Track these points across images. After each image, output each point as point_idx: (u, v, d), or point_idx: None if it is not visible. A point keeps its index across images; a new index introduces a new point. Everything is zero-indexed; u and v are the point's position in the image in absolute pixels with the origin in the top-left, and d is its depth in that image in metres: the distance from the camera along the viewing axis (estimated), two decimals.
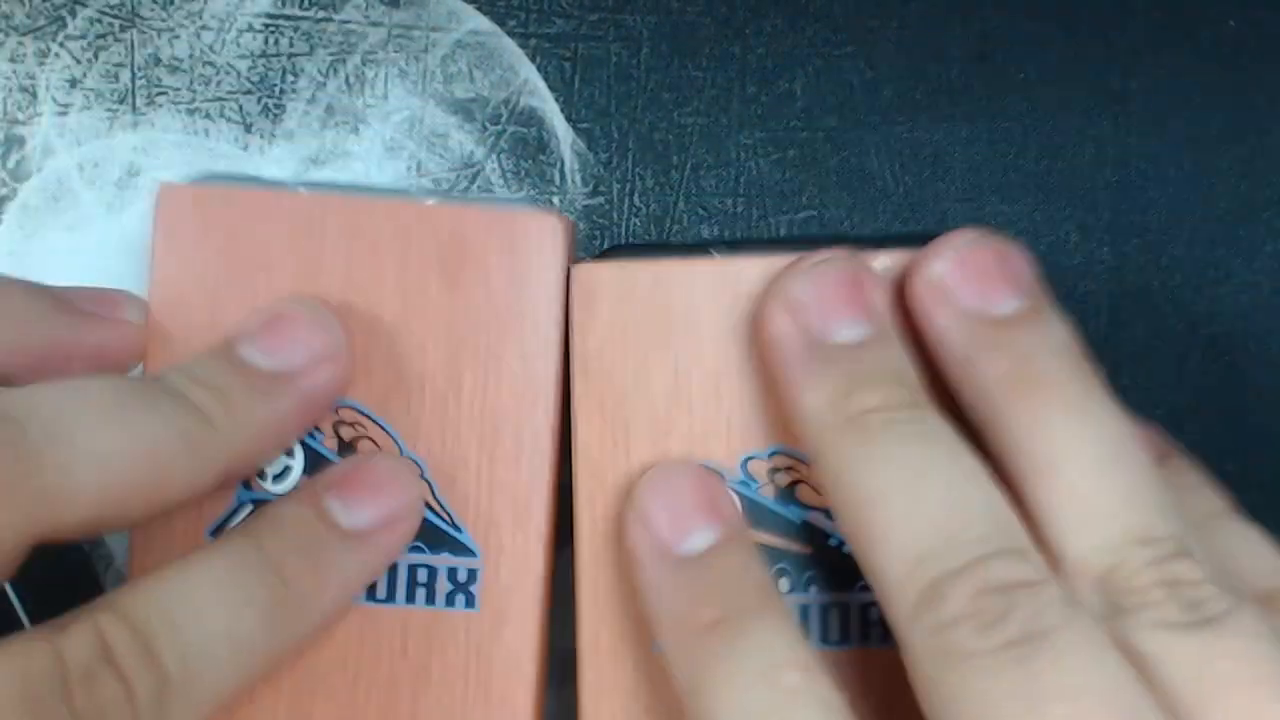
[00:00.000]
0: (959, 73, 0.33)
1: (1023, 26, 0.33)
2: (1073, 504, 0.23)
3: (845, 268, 0.26)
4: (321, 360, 0.26)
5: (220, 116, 0.33)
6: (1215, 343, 0.33)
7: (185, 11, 0.33)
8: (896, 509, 0.23)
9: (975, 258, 0.25)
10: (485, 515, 0.27)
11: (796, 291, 0.25)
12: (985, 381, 0.25)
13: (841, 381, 0.25)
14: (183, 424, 0.24)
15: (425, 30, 0.33)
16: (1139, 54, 0.33)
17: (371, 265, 0.27)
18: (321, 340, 0.26)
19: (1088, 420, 0.24)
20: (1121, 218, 0.33)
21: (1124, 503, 0.23)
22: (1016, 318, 0.25)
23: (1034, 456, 0.24)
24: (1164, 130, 0.33)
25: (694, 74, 0.33)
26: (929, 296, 0.26)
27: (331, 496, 0.26)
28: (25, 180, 0.33)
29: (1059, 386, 0.24)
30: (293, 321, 0.26)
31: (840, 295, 0.25)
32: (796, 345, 0.25)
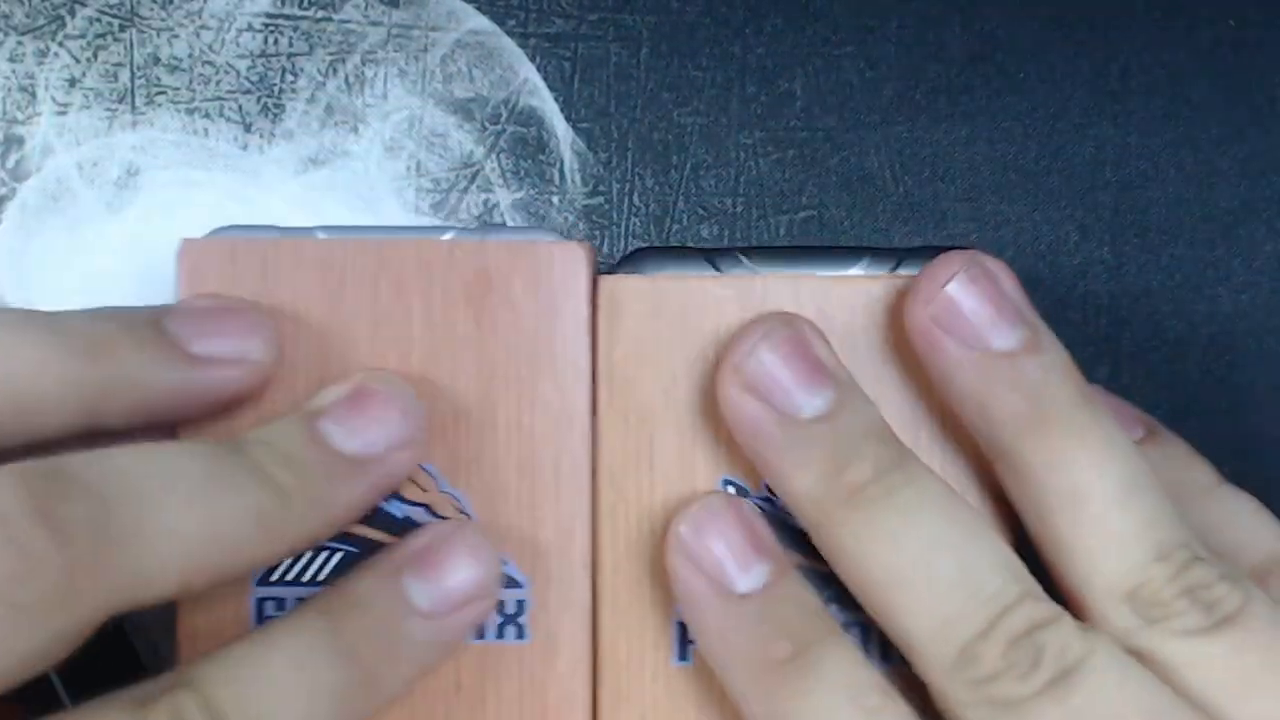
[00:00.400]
0: (959, 73, 0.33)
1: (1023, 26, 0.33)
2: (1098, 534, 0.25)
3: (793, 335, 0.26)
4: (402, 446, 0.26)
5: (220, 116, 0.33)
6: (1215, 343, 0.33)
7: (185, 11, 0.33)
8: (914, 584, 0.24)
9: (971, 292, 0.26)
10: (529, 545, 0.27)
11: (753, 371, 0.25)
12: (998, 419, 0.25)
13: (828, 458, 0.25)
14: (262, 506, 0.23)
15: (425, 30, 0.33)
16: (1139, 54, 0.33)
17: (398, 305, 0.27)
18: (403, 425, 0.26)
19: (1103, 451, 0.25)
20: (1121, 218, 0.33)
21: (1143, 525, 0.25)
22: (1020, 349, 0.25)
23: (1057, 493, 0.25)
24: (1164, 130, 0.33)
25: (694, 74, 0.33)
26: (928, 335, 0.26)
27: (410, 576, 0.25)
28: (25, 180, 0.33)
29: (1070, 420, 0.25)
30: (376, 400, 0.26)
31: (798, 366, 0.25)
32: (771, 428, 0.25)
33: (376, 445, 0.25)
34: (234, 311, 0.26)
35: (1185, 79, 0.33)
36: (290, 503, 0.24)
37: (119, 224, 0.33)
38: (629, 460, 0.27)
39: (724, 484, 0.27)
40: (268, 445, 0.24)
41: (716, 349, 0.27)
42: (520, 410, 0.27)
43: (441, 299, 0.27)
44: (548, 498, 0.27)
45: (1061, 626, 0.24)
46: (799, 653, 0.24)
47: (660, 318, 0.27)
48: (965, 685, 0.24)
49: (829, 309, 0.27)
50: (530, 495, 0.27)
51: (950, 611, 0.24)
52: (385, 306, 0.27)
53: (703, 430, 0.27)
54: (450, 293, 0.27)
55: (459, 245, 0.27)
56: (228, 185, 0.33)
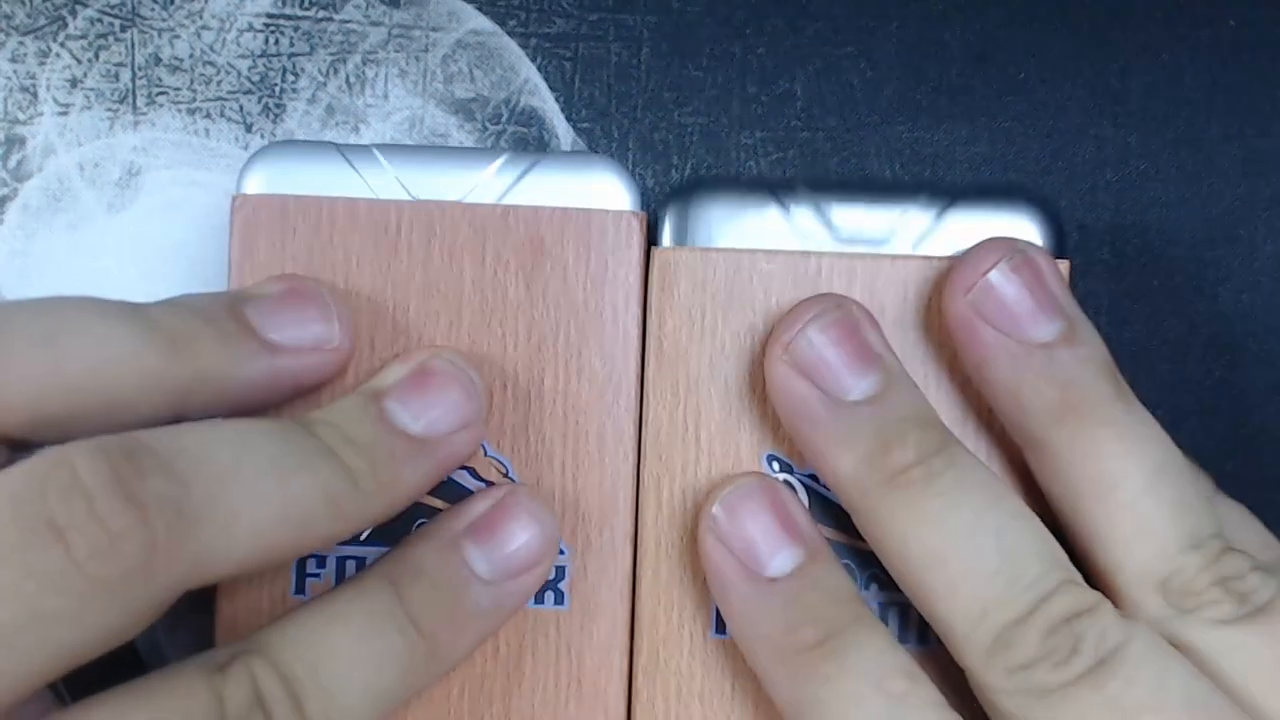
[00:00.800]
0: (959, 73, 0.33)
1: (1023, 26, 0.33)
2: (1131, 521, 0.25)
3: (844, 317, 0.26)
4: (466, 426, 0.26)
5: (221, 116, 0.33)
6: (1215, 343, 0.33)
7: (185, 11, 0.33)
8: (953, 567, 0.24)
9: (1011, 281, 0.26)
10: (571, 512, 0.27)
11: (804, 351, 0.26)
12: (1032, 409, 0.25)
13: (872, 441, 0.25)
14: (332, 487, 0.24)
15: (425, 30, 0.33)
16: (1139, 54, 0.33)
17: (450, 268, 0.27)
18: (466, 406, 0.26)
19: (1136, 441, 0.25)
20: (1121, 218, 0.33)
21: (1175, 512, 0.25)
22: (1057, 340, 0.25)
23: (1090, 481, 0.25)
24: (1164, 130, 0.33)
25: (694, 74, 0.33)
26: (966, 322, 0.26)
27: (471, 543, 0.26)
28: (26, 180, 0.33)
29: (1105, 412, 0.25)
30: (439, 380, 0.26)
31: (847, 348, 0.26)
32: (817, 409, 0.25)
33: (440, 426, 0.26)
34: (310, 296, 0.26)
35: (1185, 79, 0.33)
36: (358, 483, 0.24)
37: (120, 224, 0.33)
38: (674, 433, 0.27)
39: (768, 459, 0.27)
40: (335, 426, 0.25)
41: (766, 324, 0.27)
42: (567, 378, 0.27)
43: (493, 264, 0.27)
44: (591, 467, 0.27)
45: (1101, 614, 0.24)
46: (826, 638, 0.25)
47: (710, 290, 0.27)
48: (1002, 671, 0.24)
49: (880, 288, 0.27)
50: (574, 463, 0.27)
51: (989, 596, 0.24)
52: (437, 270, 0.27)
53: (749, 405, 0.27)
54: (502, 258, 0.27)
55: (513, 211, 0.27)
56: (229, 185, 0.33)
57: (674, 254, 0.27)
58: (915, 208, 0.28)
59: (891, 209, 0.28)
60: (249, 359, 0.25)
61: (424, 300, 0.27)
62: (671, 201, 0.28)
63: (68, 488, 0.21)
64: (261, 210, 0.27)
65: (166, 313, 0.25)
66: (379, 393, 0.26)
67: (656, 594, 0.27)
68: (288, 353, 0.26)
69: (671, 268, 0.27)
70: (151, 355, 0.24)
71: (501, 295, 0.27)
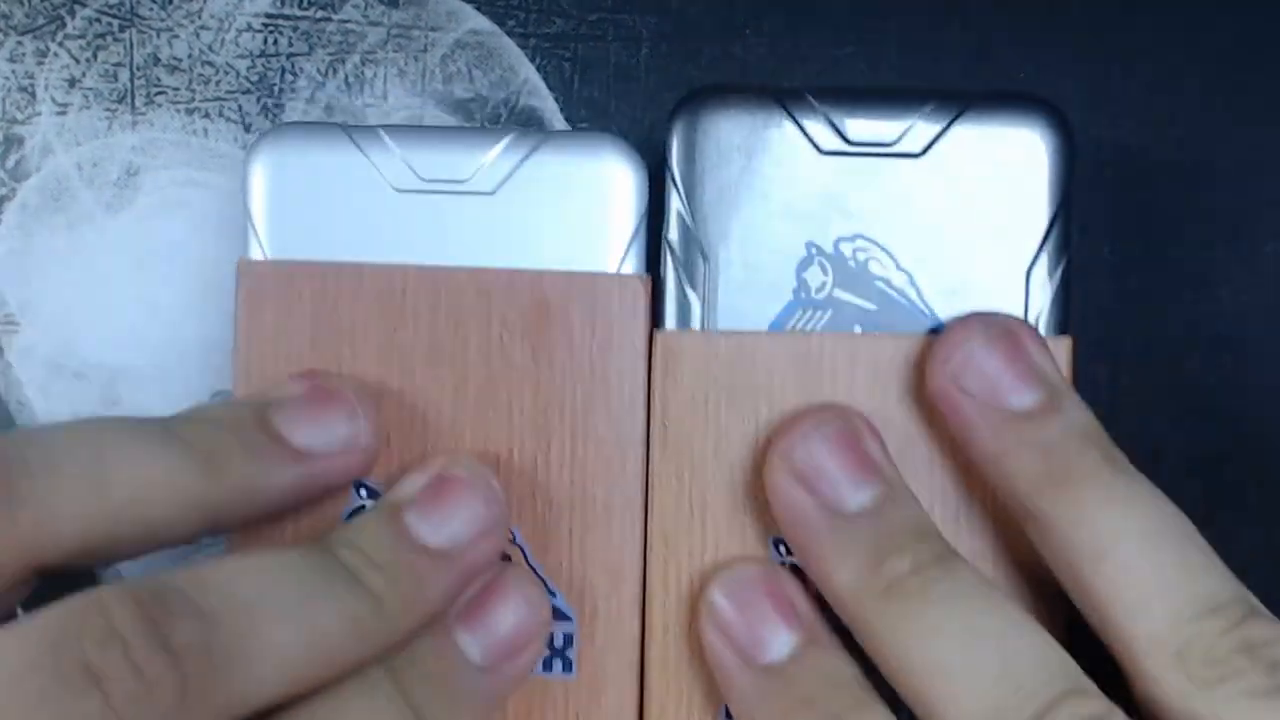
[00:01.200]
0: (959, 72, 0.33)
1: (1023, 26, 0.33)
2: (1131, 586, 0.24)
3: (844, 428, 0.26)
4: (487, 534, 0.26)
5: (219, 116, 0.33)
6: (1215, 343, 0.33)
7: (184, 11, 0.33)
8: (956, 678, 0.24)
9: (989, 352, 0.26)
10: (579, 579, 0.27)
11: (802, 460, 0.26)
12: (1018, 480, 0.25)
13: (869, 552, 0.25)
14: (356, 613, 0.24)
15: (424, 30, 0.33)
16: (1139, 54, 0.33)
17: (455, 334, 0.27)
18: (486, 513, 0.26)
19: (1127, 504, 0.24)
20: (1122, 217, 0.33)
21: (1181, 575, 0.24)
22: (1038, 410, 0.25)
23: (1082, 547, 0.24)
24: (1164, 130, 0.33)
25: (694, 74, 0.33)
26: (947, 395, 0.26)
27: (461, 629, 0.26)
28: (24, 180, 0.33)
29: (1092, 477, 0.25)
30: (458, 488, 0.26)
31: (847, 460, 0.26)
32: (815, 519, 0.25)
33: (461, 536, 0.25)
34: (335, 396, 0.26)
35: (1185, 79, 0.33)
36: (383, 606, 0.24)
37: (118, 224, 0.33)
38: (680, 517, 0.27)
39: (775, 544, 0.27)
40: (356, 547, 0.25)
41: (770, 407, 0.27)
42: (574, 444, 0.27)
43: (499, 329, 0.27)
44: (599, 532, 0.27)
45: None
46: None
47: (713, 373, 0.27)
48: None
49: (883, 367, 0.27)
50: (581, 529, 0.27)
51: (990, 706, 0.23)
52: (443, 334, 0.27)
53: (754, 489, 0.27)
54: (508, 323, 0.27)
55: (518, 275, 0.27)
56: (228, 185, 0.33)
57: (676, 338, 0.27)
58: (924, 118, 0.28)
59: (902, 117, 0.28)
60: (279, 470, 0.25)
61: (430, 366, 0.27)
62: (678, 116, 0.28)
63: (103, 634, 0.21)
64: (267, 277, 0.28)
65: (197, 429, 0.25)
66: (399, 506, 0.26)
67: (665, 681, 0.27)
68: (317, 458, 0.26)
69: (674, 351, 0.27)
70: (188, 477, 0.24)
71: (507, 360, 0.27)
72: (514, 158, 0.28)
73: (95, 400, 0.33)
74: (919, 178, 0.28)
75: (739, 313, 0.28)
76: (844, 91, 0.28)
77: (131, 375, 0.33)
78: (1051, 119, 0.28)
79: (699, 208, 0.28)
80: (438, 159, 0.28)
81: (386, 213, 0.28)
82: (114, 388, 0.33)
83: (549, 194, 0.28)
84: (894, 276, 0.28)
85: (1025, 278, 0.28)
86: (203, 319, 0.33)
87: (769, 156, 0.28)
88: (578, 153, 0.28)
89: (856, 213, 0.28)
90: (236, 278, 0.28)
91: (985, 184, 0.28)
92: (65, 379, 0.33)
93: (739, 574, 0.26)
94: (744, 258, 0.28)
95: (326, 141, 0.28)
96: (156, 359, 0.33)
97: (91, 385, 0.33)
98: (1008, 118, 0.28)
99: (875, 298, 0.28)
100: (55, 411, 0.33)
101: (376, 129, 0.28)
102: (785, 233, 0.28)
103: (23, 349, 0.33)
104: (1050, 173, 0.28)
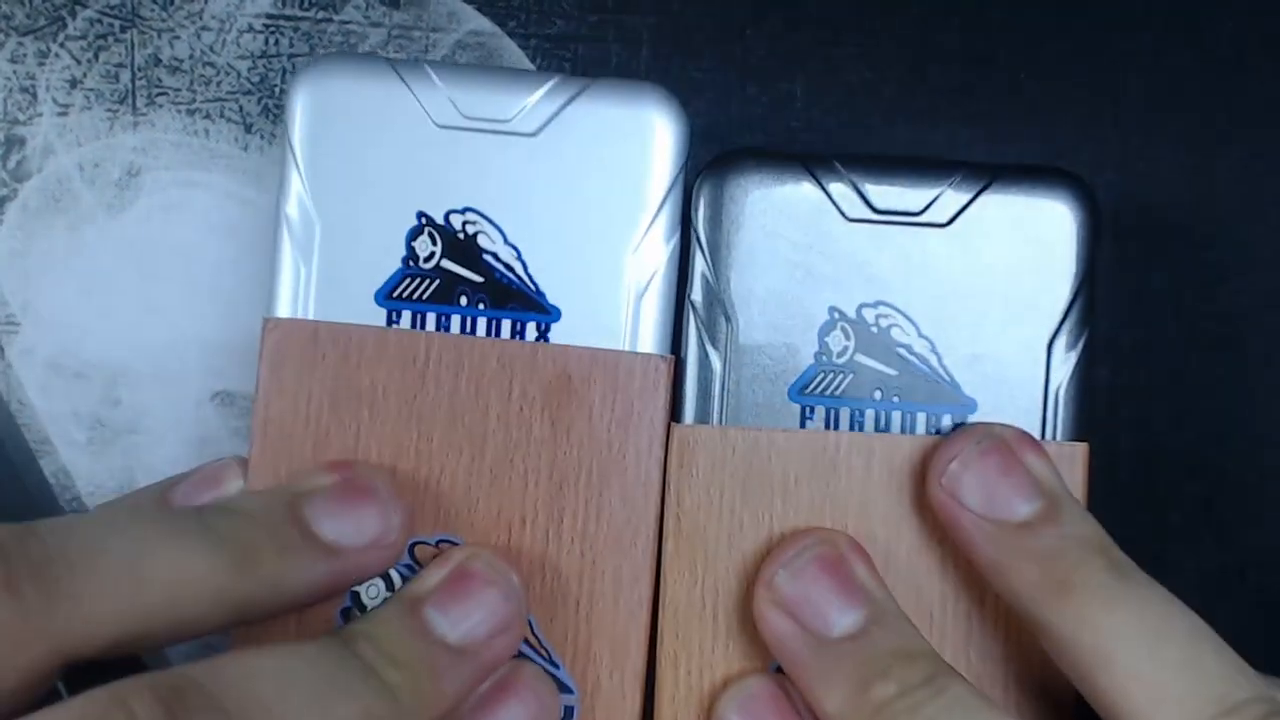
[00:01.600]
0: (959, 73, 0.33)
1: (1023, 26, 0.33)
2: (1141, 689, 0.23)
3: (827, 553, 0.26)
4: (506, 630, 0.26)
5: (220, 117, 0.33)
6: (1215, 343, 0.33)
7: (185, 12, 0.33)
8: None
9: (985, 463, 0.26)
10: (583, 652, 0.27)
11: (786, 590, 0.26)
12: (1019, 588, 0.25)
13: (855, 678, 0.25)
14: (372, 706, 0.24)
15: (425, 31, 0.33)
16: (1139, 54, 0.33)
17: (476, 402, 0.27)
18: (504, 609, 0.26)
19: (1130, 607, 0.24)
20: (1122, 217, 0.33)
21: (1193, 676, 0.23)
22: (1036, 520, 0.25)
23: (1089, 655, 0.24)
24: (1164, 130, 0.33)
25: (694, 74, 0.33)
26: (945, 507, 0.26)
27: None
28: (26, 180, 0.33)
29: (1092, 583, 0.24)
30: (477, 583, 0.26)
31: (831, 586, 0.26)
32: (801, 646, 0.26)
33: (479, 632, 0.26)
34: (367, 490, 0.26)
35: (1185, 79, 0.33)
36: (399, 700, 0.24)
37: (119, 224, 0.33)
38: (692, 611, 0.27)
39: None
40: (374, 641, 0.25)
41: (784, 503, 0.27)
42: (586, 518, 0.27)
43: (519, 399, 0.27)
44: (605, 607, 0.27)
45: None
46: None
47: (729, 469, 0.27)
48: None
49: (898, 465, 0.27)
50: (589, 603, 0.27)
51: None
52: (463, 403, 0.27)
53: None
54: (528, 394, 0.27)
55: (541, 348, 0.27)
56: (228, 186, 0.33)
57: (692, 432, 0.28)
58: (952, 187, 0.28)
59: (929, 187, 0.28)
60: (310, 566, 0.25)
61: (448, 432, 0.27)
62: (705, 178, 0.28)
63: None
64: (291, 335, 0.27)
65: (230, 524, 0.25)
66: (418, 600, 0.26)
67: None
68: (348, 553, 0.26)
69: (690, 445, 0.27)
70: (220, 574, 0.24)
71: (526, 431, 0.27)
72: (557, 101, 0.28)
73: (95, 400, 0.33)
74: (944, 247, 0.28)
75: (760, 374, 0.28)
76: (871, 159, 0.28)
77: (131, 375, 0.33)
78: (1078, 192, 0.28)
79: (723, 269, 0.28)
80: (482, 98, 0.28)
81: (427, 148, 0.28)
82: (114, 388, 0.33)
83: (590, 139, 0.28)
84: (915, 343, 0.28)
85: (1047, 349, 0.28)
86: (203, 319, 0.33)
87: (794, 222, 0.28)
88: (621, 100, 0.28)
89: (880, 279, 0.28)
90: (261, 333, 0.28)
91: (1010, 255, 0.28)
92: (65, 379, 0.33)
93: (747, 687, 0.27)
94: (767, 320, 0.28)
95: (371, 73, 0.28)
96: (156, 359, 0.33)
97: (91, 385, 0.33)
98: (1035, 190, 0.28)
99: (896, 364, 0.28)
100: (55, 411, 0.33)
101: (423, 63, 0.28)
102: (808, 297, 0.28)
103: (23, 349, 0.33)
104: (1075, 246, 0.28)
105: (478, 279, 0.28)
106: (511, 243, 0.28)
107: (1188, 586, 0.25)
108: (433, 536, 0.27)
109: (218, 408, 0.33)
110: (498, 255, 0.28)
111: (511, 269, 0.28)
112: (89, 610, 0.23)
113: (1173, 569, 0.26)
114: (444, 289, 0.28)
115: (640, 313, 0.28)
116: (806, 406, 0.28)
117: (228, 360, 0.33)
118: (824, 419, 0.28)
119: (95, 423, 0.33)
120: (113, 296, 0.33)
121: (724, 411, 0.28)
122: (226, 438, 0.33)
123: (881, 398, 0.28)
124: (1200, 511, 0.27)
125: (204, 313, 0.33)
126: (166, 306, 0.33)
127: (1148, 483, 0.33)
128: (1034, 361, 0.28)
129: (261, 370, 0.27)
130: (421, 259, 0.28)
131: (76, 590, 0.23)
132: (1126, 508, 0.32)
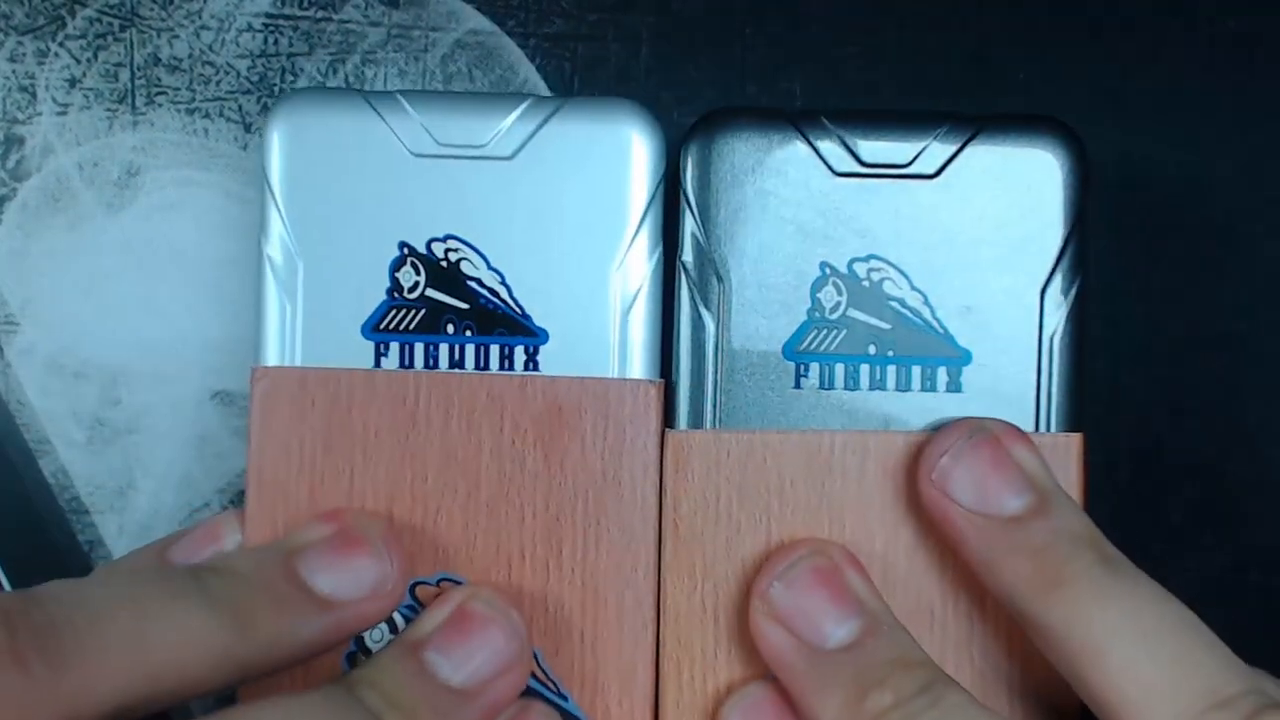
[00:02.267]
0: (959, 73, 0.33)
1: (1023, 26, 0.33)
2: (1133, 684, 0.23)
3: (821, 564, 0.26)
4: (508, 670, 0.26)
5: (220, 116, 0.33)
6: (1215, 343, 0.33)
7: (185, 11, 0.33)
8: None
9: (974, 458, 0.26)
10: (590, 682, 0.27)
11: (781, 602, 0.26)
12: (1011, 583, 0.25)
13: (851, 688, 0.25)
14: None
15: (424, 30, 0.33)
16: (1139, 54, 0.33)
17: (468, 439, 0.27)
18: (507, 649, 0.26)
19: (1122, 601, 0.24)
20: (1122, 218, 0.33)
21: (1185, 670, 0.23)
22: (1026, 513, 0.25)
23: (1080, 646, 0.24)
24: (1164, 130, 0.33)
25: (694, 74, 0.33)
26: (936, 503, 0.26)
27: None
28: (25, 180, 0.33)
29: (1083, 578, 0.24)
30: (479, 624, 0.26)
31: (826, 597, 0.26)
32: (796, 658, 0.25)
33: (482, 673, 0.25)
34: (360, 540, 0.26)
35: (1185, 79, 0.33)
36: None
37: (118, 224, 0.33)
38: (693, 616, 0.27)
39: None
40: (377, 686, 0.25)
41: (781, 504, 0.27)
42: (585, 548, 0.27)
43: (511, 433, 0.27)
44: (610, 636, 0.27)
45: None
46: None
47: (724, 473, 0.28)
48: None
49: (893, 464, 0.27)
50: (593, 633, 0.27)
51: None
52: (455, 440, 0.27)
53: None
54: (520, 428, 0.27)
55: (530, 381, 0.28)
56: (228, 185, 0.33)
57: (686, 438, 0.28)
58: (938, 139, 0.28)
59: (916, 139, 0.28)
60: (308, 622, 0.25)
61: (442, 471, 0.27)
62: (692, 138, 0.28)
63: None
64: (280, 383, 0.28)
65: (226, 585, 0.25)
66: (419, 643, 0.26)
67: None
68: (346, 605, 0.26)
69: (685, 450, 0.28)
70: (221, 636, 0.24)
71: (520, 465, 0.27)
72: (532, 123, 0.28)
73: (94, 400, 0.33)
74: (933, 199, 0.28)
75: (753, 333, 0.28)
76: (858, 113, 0.28)
77: (131, 375, 0.33)
78: (1065, 140, 0.28)
79: (713, 229, 0.28)
80: (456, 124, 0.28)
81: (404, 178, 0.28)
82: (114, 388, 0.33)
83: (567, 159, 0.28)
84: (908, 296, 0.28)
85: (1040, 297, 0.28)
86: (203, 319, 0.33)
87: (783, 178, 0.28)
88: (595, 118, 0.28)
89: (870, 233, 0.28)
90: (250, 383, 0.28)
91: (999, 204, 0.28)
92: (65, 379, 0.33)
93: (752, 695, 0.27)
94: (758, 278, 0.28)
95: (344, 106, 0.28)
96: (156, 359, 0.33)
97: (91, 385, 0.33)
98: (1022, 139, 0.28)
99: (889, 317, 0.28)
100: (54, 411, 0.33)
101: (394, 94, 0.28)
102: (799, 253, 0.28)
103: (23, 349, 0.33)
104: (1064, 193, 0.28)
105: (463, 306, 0.28)
106: (495, 267, 0.28)
107: (1188, 586, 0.25)
108: (433, 576, 0.27)
109: (217, 407, 0.33)
110: (482, 281, 0.28)
111: (496, 294, 0.28)
112: (94, 678, 0.23)
113: (1173, 569, 0.26)
114: (430, 318, 0.28)
115: (628, 328, 0.28)
116: (801, 364, 0.28)
117: (228, 360, 0.33)
118: (818, 375, 0.28)
119: (95, 422, 0.33)
120: (112, 296, 0.33)
121: (719, 372, 0.28)
122: (226, 437, 0.33)
123: (876, 352, 0.28)
124: (1200, 511, 0.26)
125: (204, 312, 0.33)
126: (166, 306, 0.33)
127: (1148, 483, 0.33)
128: (1027, 310, 0.28)
129: (252, 420, 0.28)
130: (406, 289, 0.28)
131: (82, 659, 0.23)
132: (1126, 507, 0.32)
